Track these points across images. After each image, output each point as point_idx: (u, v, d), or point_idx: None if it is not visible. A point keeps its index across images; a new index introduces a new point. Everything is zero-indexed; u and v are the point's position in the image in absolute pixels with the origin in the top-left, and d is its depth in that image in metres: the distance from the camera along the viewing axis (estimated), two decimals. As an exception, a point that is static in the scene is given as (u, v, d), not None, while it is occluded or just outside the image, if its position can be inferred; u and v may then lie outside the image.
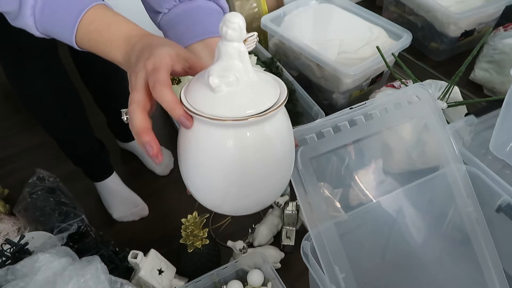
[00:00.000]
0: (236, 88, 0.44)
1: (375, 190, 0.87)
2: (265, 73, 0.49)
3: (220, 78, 0.44)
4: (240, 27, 0.42)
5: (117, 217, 1.23)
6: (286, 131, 0.48)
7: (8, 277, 0.80)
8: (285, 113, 0.49)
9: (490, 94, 1.54)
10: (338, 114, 0.79)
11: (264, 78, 0.47)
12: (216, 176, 0.47)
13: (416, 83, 1.02)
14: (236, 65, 0.44)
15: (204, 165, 0.47)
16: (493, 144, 0.97)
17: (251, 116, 0.43)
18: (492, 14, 1.61)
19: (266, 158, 0.46)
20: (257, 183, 0.48)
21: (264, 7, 1.66)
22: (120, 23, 0.54)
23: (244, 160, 0.45)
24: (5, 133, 1.49)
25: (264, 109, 0.44)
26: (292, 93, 1.34)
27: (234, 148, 0.44)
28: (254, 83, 0.45)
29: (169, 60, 0.47)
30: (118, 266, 0.98)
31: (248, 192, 0.48)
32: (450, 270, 0.90)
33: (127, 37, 0.53)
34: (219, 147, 0.45)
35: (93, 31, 0.53)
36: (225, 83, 0.44)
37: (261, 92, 0.45)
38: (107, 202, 1.24)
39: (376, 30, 1.48)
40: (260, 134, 0.45)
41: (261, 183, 0.48)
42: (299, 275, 1.07)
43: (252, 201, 0.51)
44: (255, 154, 0.45)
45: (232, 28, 0.42)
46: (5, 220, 1.11)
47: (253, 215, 1.21)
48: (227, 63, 0.44)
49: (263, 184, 0.48)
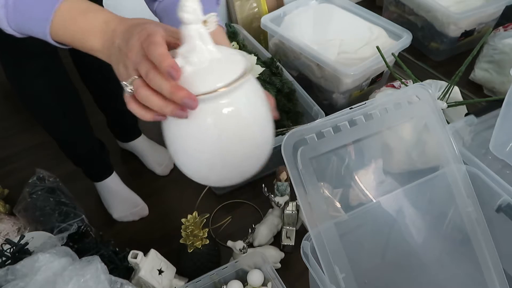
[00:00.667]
0: (201, 66, 0.46)
1: (375, 190, 0.87)
2: (230, 50, 0.51)
3: (184, 59, 0.46)
4: (193, 9, 0.45)
5: (117, 217, 1.23)
6: (258, 100, 0.50)
7: (8, 277, 0.80)
8: (255, 84, 0.50)
9: (490, 94, 1.54)
10: (338, 114, 0.79)
11: (229, 54, 0.49)
12: (199, 150, 0.49)
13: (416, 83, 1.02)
14: (197, 45, 0.46)
15: (187, 141, 0.49)
16: (493, 144, 0.97)
17: (219, 88, 0.45)
18: (492, 14, 1.61)
19: (242, 126, 0.48)
20: (237, 152, 0.49)
21: (264, 7, 1.66)
22: (96, 11, 0.54)
23: (221, 131, 0.47)
24: (5, 133, 1.49)
25: (230, 81, 0.46)
26: (292, 93, 1.34)
27: (210, 120, 0.46)
28: (219, 60, 0.47)
29: (162, 30, 0.48)
30: (118, 266, 0.98)
31: (231, 161, 0.50)
32: (450, 270, 0.90)
33: (104, 22, 0.52)
34: (196, 122, 0.47)
35: (68, 20, 0.53)
36: (189, 63, 0.46)
37: (226, 67, 0.47)
38: (107, 202, 1.24)
39: (376, 30, 1.48)
40: (232, 104, 0.47)
41: (241, 152, 0.50)
42: (299, 275, 1.07)
43: (235, 170, 0.52)
44: (231, 124, 0.47)
45: (186, 11, 0.44)
46: (5, 220, 1.11)
47: (253, 215, 1.21)
48: (189, 45, 0.46)
49: (243, 153, 0.50)
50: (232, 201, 1.25)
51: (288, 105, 1.31)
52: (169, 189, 1.30)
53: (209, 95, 0.45)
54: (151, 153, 1.36)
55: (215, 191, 1.25)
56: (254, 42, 1.51)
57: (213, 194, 1.25)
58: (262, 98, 0.52)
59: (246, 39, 1.52)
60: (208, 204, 1.23)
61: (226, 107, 0.46)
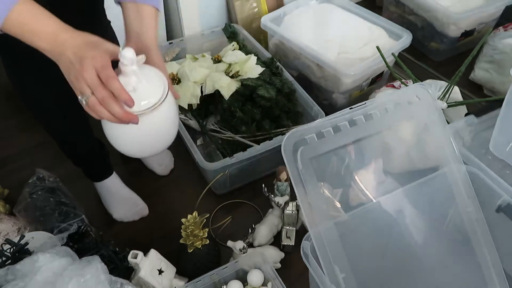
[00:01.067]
0: (135, 93, 0.68)
1: (375, 190, 0.87)
2: (155, 75, 0.73)
3: (124, 86, 0.67)
4: (131, 59, 0.66)
5: (117, 217, 1.23)
6: (171, 108, 0.75)
7: (8, 277, 0.80)
8: (169, 97, 0.74)
9: (490, 94, 1.54)
10: (338, 114, 0.79)
11: (154, 82, 0.72)
12: (131, 140, 0.75)
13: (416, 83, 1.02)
14: (132, 79, 0.68)
15: (124, 134, 0.74)
16: (493, 144, 0.97)
17: (146, 109, 0.70)
18: (492, 14, 1.61)
19: (159, 127, 0.75)
20: (156, 141, 0.78)
21: (264, 7, 1.66)
22: (48, 17, 0.67)
23: (147, 130, 0.73)
24: (5, 133, 1.48)
25: (154, 102, 0.70)
26: (292, 93, 1.34)
27: (141, 125, 0.70)
28: (146, 87, 0.70)
29: (109, 56, 0.66)
30: (118, 266, 0.98)
31: (151, 145, 0.78)
32: (450, 270, 0.90)
33: (53, 32, 0.66)
34: (131, 126, 0.70)
35: (22, 22, 0.65)
36: (128, 90, 0.67)
37: (152, 92, 0.71)
38: (107, 202, 1.24)
39: (376, 30, 1.48)
40: (155, 116, 0.71)
41: (159, 140, 0.78)
42: (299, 275, 1.07)
43: (153, 150, 0.81)
44: (153, 126, 0.73)
45: (125, 60, 0.66)
46: (5, 220, 1.11)
47: (253, 215, 1.21)
48: (126, 78, 0.68)
49: (160, 141, 0.78)
50: (232, 201, 1.25)
51: (288, 105, 1.31)
52: (169, 189, 1.30)
53: (142, 113, 0.69)
54: None
55: (215, 191, 1.25)
56: (254, 42, 1.51)
57: (213, 194, 1.25)
58: (173, 105, 0.76)
59: (246, 39, 1.52)
60: (208, 204, 1.23)
61: (152, 118, 0.71)
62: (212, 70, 1.34)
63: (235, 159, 1.13)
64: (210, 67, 1.36)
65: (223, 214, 1.22)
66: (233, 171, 1.18)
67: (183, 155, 1.32)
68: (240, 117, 1.25)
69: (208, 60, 1.40)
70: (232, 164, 1.15)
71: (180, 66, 1.39)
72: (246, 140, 1.24)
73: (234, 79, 1.29)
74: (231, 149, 1.26)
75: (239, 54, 1.37)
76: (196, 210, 1.00)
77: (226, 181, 1.21)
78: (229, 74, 1.32)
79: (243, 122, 1.25)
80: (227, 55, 1.39)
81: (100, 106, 0.66)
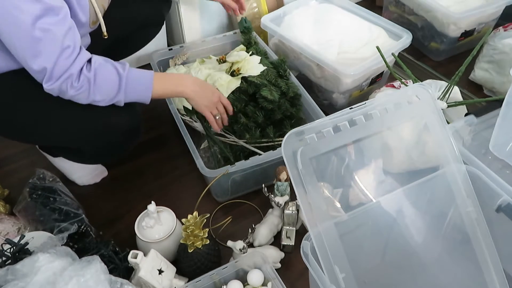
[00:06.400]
0: (152, 229, 1.02)
1: (375, 190, 0.87)
2: (168, 218, 1.06)
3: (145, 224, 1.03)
4: (154, 210, 1.02)
5: (79, 182, 1.28)
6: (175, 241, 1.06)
7: (8, 277, 0.80)
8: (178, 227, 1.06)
9: (490, 94, 1.54)
10: (338, 114, 0.79)
11: (167, 224, 1.04)
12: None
13: (416, 83, 1.02)
14: (155, 226, 1.03)
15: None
16: (493, 144, 0.97)
17: (158, 239, 1.01)
18: (492, 14, 1.61)
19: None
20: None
21: (264, 7, 1.66)
22: (170, 73, 1.18)
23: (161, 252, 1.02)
24: (5, 133, 1.48)
25: (163, 236, 1.02)
26: (297, 97, 1.32)
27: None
28: (161, 227, 1.03)
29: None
30: (118, 266, 0.98)
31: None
32: (450, 270, 0.90)
33: (180, 77, 1.15)
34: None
35: (162, 81, 1.04)
36: (148, 227, 1.02)
37: (164, 229, 1.03)
38: (68, 172, 1.28)
39: (376, 30, 1.48)
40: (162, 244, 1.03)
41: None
42: (299, 275, 1.07)
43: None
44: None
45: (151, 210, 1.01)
46: (5, 220, 1.11)
47: (253, 215, 1.21)
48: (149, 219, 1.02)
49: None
50: (232, 201, 1.25)
51: (291, 109, 1.29)
52: (169, 189, 1.30)
53: (153, 241, 1.01)
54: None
55: (216, 198, 1.24)
56: (264, 44, 1.50)
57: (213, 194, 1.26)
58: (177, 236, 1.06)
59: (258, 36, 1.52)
60: (208, 204, 1.23)
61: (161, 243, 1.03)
62: (215, 70, 1.35)
63: (236, 167, 1.12)
64: (214, 68, 1.37)
65: (223, 214, 1.22)
66: (236, 178, 1.17)
67: (183, 155, 1.32)
68: (244, 122, 1.23)
69: (213, 62, 1.42)
70: (234, 172, 1.13)
71: (187, 69, 1.41)
72: (250, 146, 1.24)
73: (235, 77, 1.29)
74: (234, 154, 1.25)
75: (242, 54, 1.37)
76: (196, 210, 1.00)
77: (228, 189, 1.20)
78: (230, 72, 1.32)
79: (247, 128, 1.24)
80: (231, 55, 1.39)
81: (219, 121, 1.17)
